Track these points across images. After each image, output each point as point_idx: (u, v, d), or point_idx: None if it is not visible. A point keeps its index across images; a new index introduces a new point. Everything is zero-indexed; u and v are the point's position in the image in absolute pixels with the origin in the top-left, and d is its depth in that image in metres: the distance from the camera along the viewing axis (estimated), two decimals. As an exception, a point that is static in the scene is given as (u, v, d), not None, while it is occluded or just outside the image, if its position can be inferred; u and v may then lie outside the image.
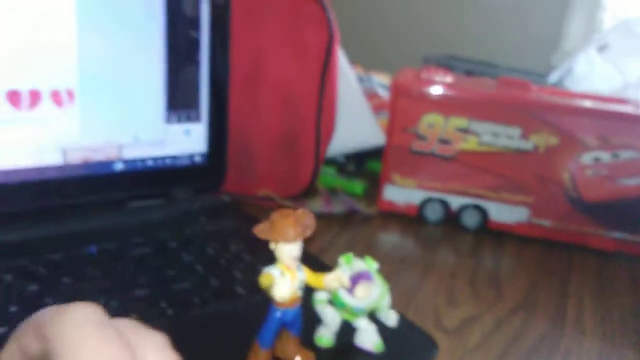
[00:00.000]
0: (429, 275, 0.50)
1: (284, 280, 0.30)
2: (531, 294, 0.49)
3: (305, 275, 0.32)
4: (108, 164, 0.50)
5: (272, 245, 0.31)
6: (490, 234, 0.60)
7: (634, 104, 0.59)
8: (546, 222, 0.59)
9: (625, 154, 0.56)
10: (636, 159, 0.56)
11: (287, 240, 0.30)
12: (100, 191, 0.50)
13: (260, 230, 0.31)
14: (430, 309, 0.45)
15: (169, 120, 0.52)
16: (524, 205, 0.59)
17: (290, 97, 0.60)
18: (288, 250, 0.31)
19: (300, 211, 0.32)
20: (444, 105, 0.59)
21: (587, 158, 0.57)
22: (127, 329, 0.22)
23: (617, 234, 0.58)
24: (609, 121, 0.56)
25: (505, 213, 0.60)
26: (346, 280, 0.32)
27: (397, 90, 0.61)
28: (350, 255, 0.35)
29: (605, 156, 0.57)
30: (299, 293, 0.32)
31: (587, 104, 0.58)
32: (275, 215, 0.31)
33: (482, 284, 0.50)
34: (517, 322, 0.44)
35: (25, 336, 0.20)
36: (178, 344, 0.34)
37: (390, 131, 0.61)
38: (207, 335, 0.36)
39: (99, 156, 0.49)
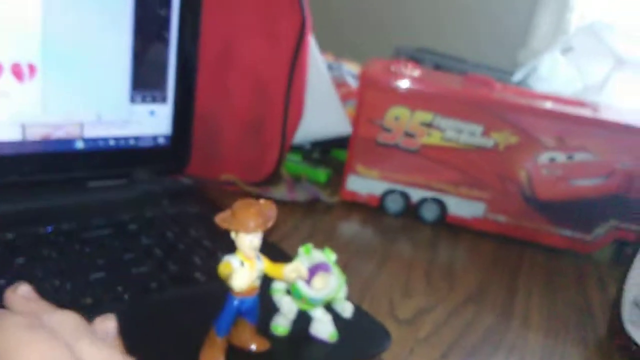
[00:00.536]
0: (386, 266, 0.52)
1: (242, 270, 0.31)
2: (482, 287, 0.51)
3: (264, 265, 0.32)
4: (69, 142, 0.49)
5: (232, 235, 0.31)
6: (448, 227, 0.62)
7: (592, 108, 0.62)
8: (501, 218, 0.61)
9: (580, 156, 0.58)
10: (589, 161, 0.58)
11: (247, 230, 0.31)
12: (59, 169, 0.49)
13: (222, 219, 0.31)
14: (386, 299, 0.46)
15: (133, 100, 0.51)
16: (482, 201, 0.61)
17: (260, 82, 0.60)
18: (248, 240, 0.31)
19: (262, 202, 0.32)
20: (410, 99, 0.60)
21: (543, 158, 0.59)
22: (62, 326, 0.22)
23: (567, 232, 0.61)
24: (567, 123, 0.58)
25: (463, 207, 0.62)
26: (305, 272, 0.33)
27: (365, 81, 0.61)
28: (310, 246, 0.36)
29: (560, 157, 0.59)
30: (257, 283, 0.32)
31: (547, 105, 0.60)
32: (237, 205, 0.31)
33: (437, 276, 0.51)
34: (467, 314, 0.46)
35: None
36: (134, 328, 0.34)
37: (356, 122, 0.62)
38: (163, 320, 0.36)
39: (60, 133, 0.48)
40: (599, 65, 0.76)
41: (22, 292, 0.28)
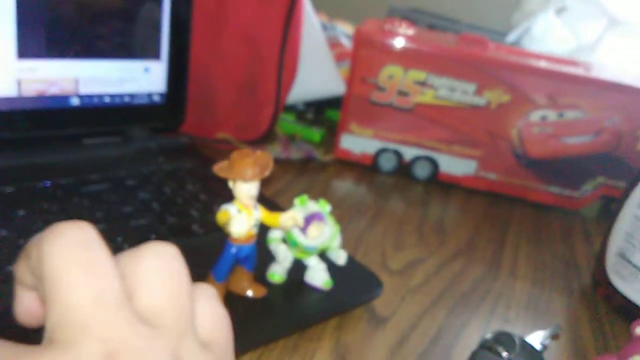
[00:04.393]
0: (379, 221, 0.53)
1: (240, 217, 0.32)
2: (472, 241, 0.52)
3: (261, 213, 0.33)
4: (64, 98, 0.49)
5: (230, 184, 0.32)
6: (440, 185, 0.63)
7: (584, 67, 0.62)
8: (492, 176, 0.62)
9: (570, 114, 0.59)
10: (579, 119, 0.59)
11: (244, 179, 0.31)
12: (55, 126, 0.49)
13: (219, 168, 0.32)
14: (378, 251, 0.47)
15: (128, 56, 0.51)
16: (473, 159, 0.62)
17: (254, 41, 0.60)
18: (246, 189, 0.32)
19: (259, 152, 0.33)
20: (404, 58, 0.60)
21: (535, 116, 0.60)
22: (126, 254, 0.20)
23: (556, 189, 0.62)
24: (558, 81, 0.59)
25: (455, 165, 0.63)
26: (300, 220, 0.34)
27: (359, 40, 0.61)
28: (305, 197, 0.37)
29: (552, 115, 0.59)
30: (255, 230, 0.33)
31: (539, 64, 0.60)
32: (235, 155, 0.32)
33: (428, 231, 0.53)
34: (457, 266, 0.47)
35: (29, 253, 0.18)
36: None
37: (350, 81, 0.62)
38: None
39: (55, 90, 0.48)
40: (592, 25, 0.76)
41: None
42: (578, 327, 0.42)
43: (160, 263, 0.19)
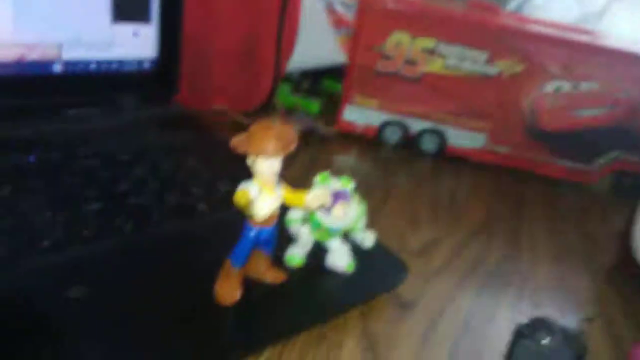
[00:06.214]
0: (390, 199, 0.50)
1: (263, 197, 0.28)
2: (488, 218, 0.50)
3: (284, 192, 0.30)
4: (45, 64, 0.44)
5: (249, 160, 0.28)
6: (447, 159, 0.60)
7: (597, 36, 0.59)
8: (502, 149, 0.60)
9: (585, 85, 0.57)
10: (594, 91, 0.57)
11: (267, 154, 0.28)
12: (35, 95, 0.45)
13: (238, 142, 0.28)
14: (394, 232, 0.44)
15: (115, 18, 0.46)
16: (483, 132, 0.59)
17: (252, 5, 0.55)
18: (268, 166, 0.28)
19: (281, 124, 0.29)
20: (413, 24, 0.56)
21: (549, 87, 0.57)
22: None
23: (568, 163, 0.60)
24: (575, 50, 0.56)
25: (464, 138, 0.60)
26: (328, 200, 0.30)
27: (364, 4, 0.57)
28: (327, 173, 0.33)
29: (566, 86, 0.57)
30: (277, 212, 0.30)
31: (555, 32, 0.57)
32: (255, 128, 0.28)
33: (442, 208, 0.50)
34: (476, 246, 0.45)
35: None
36: (141, 262, 0.32)
37: (354, 49, 0.58)
38: (170, 253, 0.33)
39: (35, 55, 0.43)
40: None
41: None
42: (608, 309, 0.40)
43: None
